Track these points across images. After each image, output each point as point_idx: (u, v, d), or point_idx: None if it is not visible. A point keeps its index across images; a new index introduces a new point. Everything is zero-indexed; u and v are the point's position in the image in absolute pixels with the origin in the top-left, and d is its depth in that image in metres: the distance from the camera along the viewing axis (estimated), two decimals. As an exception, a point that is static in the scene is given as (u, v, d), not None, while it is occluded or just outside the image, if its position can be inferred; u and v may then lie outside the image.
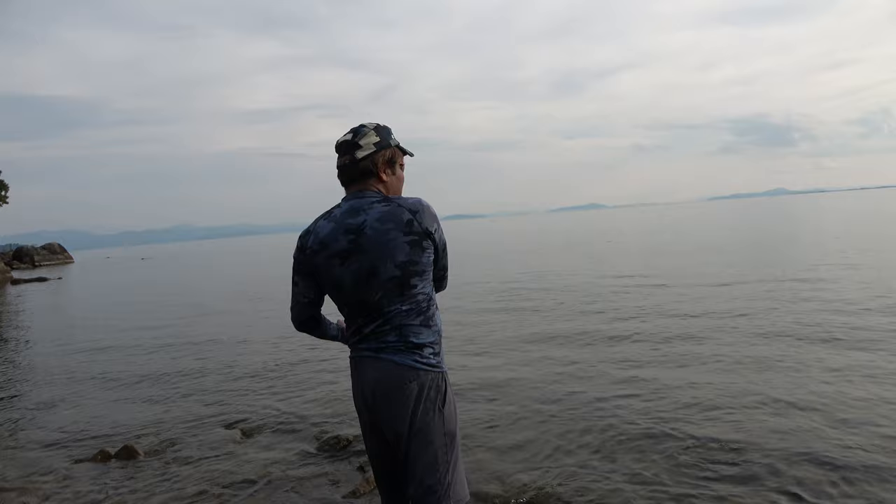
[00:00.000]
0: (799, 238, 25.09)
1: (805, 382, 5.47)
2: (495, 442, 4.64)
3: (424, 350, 2.23)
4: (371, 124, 2.33)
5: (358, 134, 2.29)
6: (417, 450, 2.20)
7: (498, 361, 7.19)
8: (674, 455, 4.15)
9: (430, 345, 2.24)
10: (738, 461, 3.99)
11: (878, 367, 5.76)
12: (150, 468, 4.67)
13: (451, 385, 2.32)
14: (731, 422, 4.66)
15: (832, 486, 3.59)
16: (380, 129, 2.32)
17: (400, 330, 2.21)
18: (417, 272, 2.21)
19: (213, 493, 4.14)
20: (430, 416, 2.21)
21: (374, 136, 2.29)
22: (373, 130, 2.30)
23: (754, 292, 10.80)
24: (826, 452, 4.01)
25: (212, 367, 8.21)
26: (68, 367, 8.92)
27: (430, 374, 2.23)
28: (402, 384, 2.20)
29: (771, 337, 7.30)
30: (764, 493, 3.57)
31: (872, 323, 7.64)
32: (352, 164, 2.27)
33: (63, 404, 6.81)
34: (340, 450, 4.75)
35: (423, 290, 2.25)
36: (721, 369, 6.13)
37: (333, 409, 5.81)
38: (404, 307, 2.22)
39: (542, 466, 4.15)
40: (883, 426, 4.38)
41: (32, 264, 59.84)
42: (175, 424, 5.73)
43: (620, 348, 7.38)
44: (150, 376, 7.87)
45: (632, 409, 5.11)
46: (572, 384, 5.98)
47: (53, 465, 4.87)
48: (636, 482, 3.81)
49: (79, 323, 14.93)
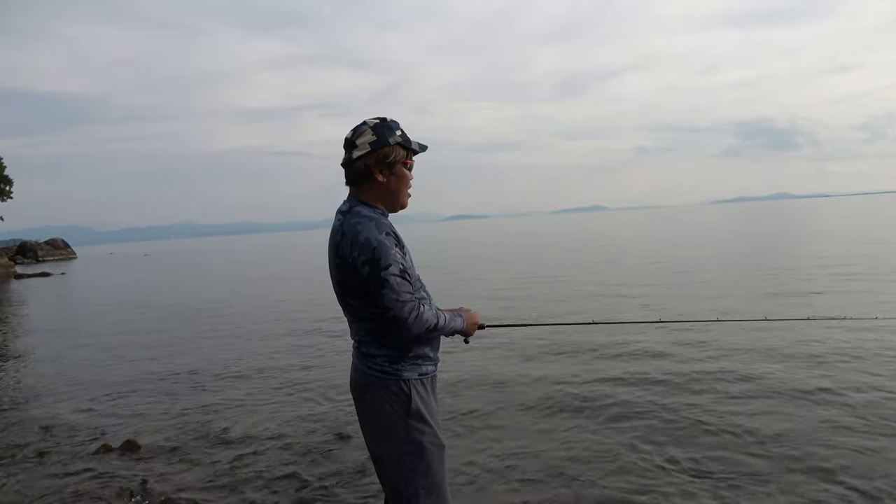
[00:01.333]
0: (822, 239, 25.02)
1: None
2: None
3: (377, 359, 2.23)
4: (372, 121, 2.25)
5: (356, 132, 2.24)
6: (384, 453, 2.27)
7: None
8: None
9: (381, 356, 2.23)
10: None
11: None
12: (151, 462, 4.69)
13: (427, 394, 2.27)
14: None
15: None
16: (378, 128, 2.22)
17: (357, 339, 2.31)
18: (351, 294, 2.21)
19: (213, 487, 4.16)
20: (390, 422, 2.22)
21: (370, 135, 2.21)
22: (370, 129, 2.22)
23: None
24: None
25: (214, 362, 8.22)
26: (71, 361, 8.95)
27: (384, 380, 2.22)
28: (364, 388, 2.28)
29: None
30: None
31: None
32: (347, 164, 2.27)
33: (66, 398, 6.82)
34: (342, 446, 4.76)
35: (365, 310, 2.20)
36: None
37: (336, 406, 5.82)
38: (354, 321, 2.29)
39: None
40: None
41: (36, 259, 60.02)
42: (179, 419, 5.75)
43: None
44: (153, 371, 7.88)
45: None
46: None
47: (56, 459, 4.89)
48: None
49: (81, 317, 14.98)
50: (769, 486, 3.66)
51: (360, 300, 2.20)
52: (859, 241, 23.00)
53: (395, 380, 2.22)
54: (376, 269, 2.10)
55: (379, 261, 2.10)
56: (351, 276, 2.17)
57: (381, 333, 2.22)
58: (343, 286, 2.23)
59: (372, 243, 2.11)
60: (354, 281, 2.17)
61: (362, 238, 2.13)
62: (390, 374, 2.22)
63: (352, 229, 2.16)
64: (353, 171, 2.25)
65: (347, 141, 2.25)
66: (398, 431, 2.21)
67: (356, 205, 2.24)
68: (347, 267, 2.16)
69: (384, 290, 2.11)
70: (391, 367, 2.22)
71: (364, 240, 2.12)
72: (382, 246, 2.12)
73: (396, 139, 2.23)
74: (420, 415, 2.23)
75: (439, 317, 2.24)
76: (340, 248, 2.18)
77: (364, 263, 2.11)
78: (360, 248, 2.12)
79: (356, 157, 2.22)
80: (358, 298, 2.20)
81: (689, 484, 3.77)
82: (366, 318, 2.22)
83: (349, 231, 2.17)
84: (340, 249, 2.18)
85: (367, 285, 2.13)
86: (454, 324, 2.31)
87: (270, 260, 39.82)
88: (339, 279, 2.23)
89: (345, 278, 2.20)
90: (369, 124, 2.24)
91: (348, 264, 2.16)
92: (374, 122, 2.24)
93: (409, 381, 2.23)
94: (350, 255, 2.15)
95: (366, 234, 2.13)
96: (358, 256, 2.13)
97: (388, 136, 2.22)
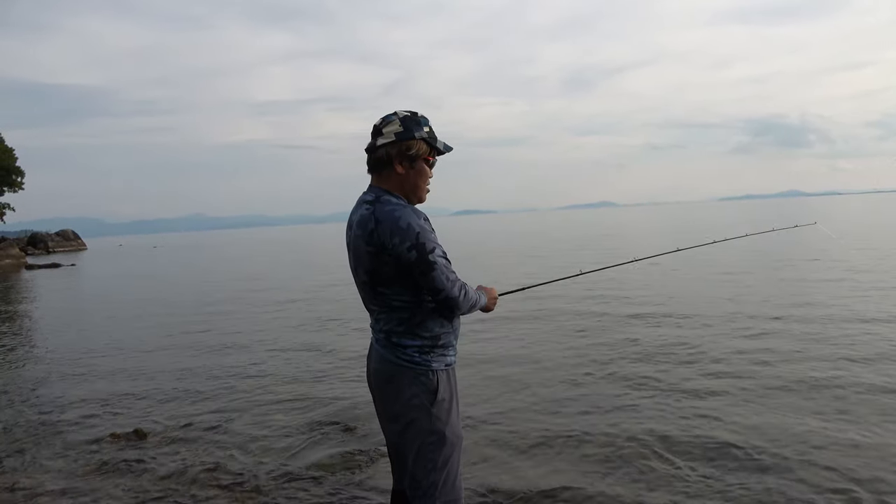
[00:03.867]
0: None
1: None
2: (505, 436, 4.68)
3: (407, 349, 2.23)
4: (402, 113, 2.27)
5: (385, 121, 2.26)
6: (405, 444, 2.26)
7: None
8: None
9: (413, 346, 2.23)
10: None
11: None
12: (159, 450, 4.73)
13: (450, 385, 2.29)
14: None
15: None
16: (406, 120, 2.25)
17: (385, 330, 2.28)
18: (384, 282, 2.20)
19: (220, 476, 4.20)
20: (416, 413, 2.22)
21: (397, 125, 2.23)
22: (399, 120, 2.24)
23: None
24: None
25: (223, 353, 8.28)
26: (80, 351, 9.02)
27: (413, 371, 2.22)
28: (390, 378, 2.26)
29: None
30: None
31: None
32: (371, 150, 2.28)
33: (76, 386, 6.90)
34: (350, 437, 4.80)
35: (399, 299, 2.21)
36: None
37: (345, 395, 5.85)
38: (383, 311, 2.26)
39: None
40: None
41: (47, 250, 60.42)
42: (187, 409, 5.80)
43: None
44: (162, 360, 7.94)
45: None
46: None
47: (63, 445, 4.95)
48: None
49: (90, 308, 15.09)
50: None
51: (394, 287, 2.20)
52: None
53: (424, 370, 2.23)
54: (423, 253, 2.13)
55: (425, 245, 2.13)
56: (387, 264, 2.16)
57: (415, 323, 2.22)
58: (375, 274, 2.21)
59: (415, 228, 2.14)
60: (391, 268, 2.16)
61: (404, 224, 2.14)
62: (420, 365, 2.23)
63: (388, 216, 2.16)
64: (375, 158, 2.27)
65: (375, 128, 2.28)
66: (422, 422, 2.22)
67: (383, 194, 2.24)
68: (385, 254, 2.15)
69: (434, 272, 2.15)
70: (421, 358, 2.23)
71: (406, 225, 2.14)
72: (425, 231, 2.15)
73: (422, 134, 2.26)
74: (444, 406, 2.25)
75: (477, 294, 2.35)
76: (376, 236, 2.16)
77: (410, 249, 2.12)
78: (404, 233, 2.13)
79: (380, 145, 2.24)
80: (392, 286, 2.19)
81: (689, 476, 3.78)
82: (399, 307, 2.22)
83: (385, 218, 2.16)
84: (376, 237, 2.16)
85: (413, 270, 2.15)
86: (482, 301, 2.40)
87: (278, 253, 39.92)
88: (371, 267, 2.20)
89: (378, 266, 2.18)
90: (399, 115, 2.26)
91: (387, 251, 2.15)
92: (404, 115, 2.27)
93: (436, 372, 2.25)
94: (391, 242, 2.13)
95: (407, 220, 2.15)
96: (401, 242, 2.12)
97: (414, 129, 2.24)
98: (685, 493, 3.61)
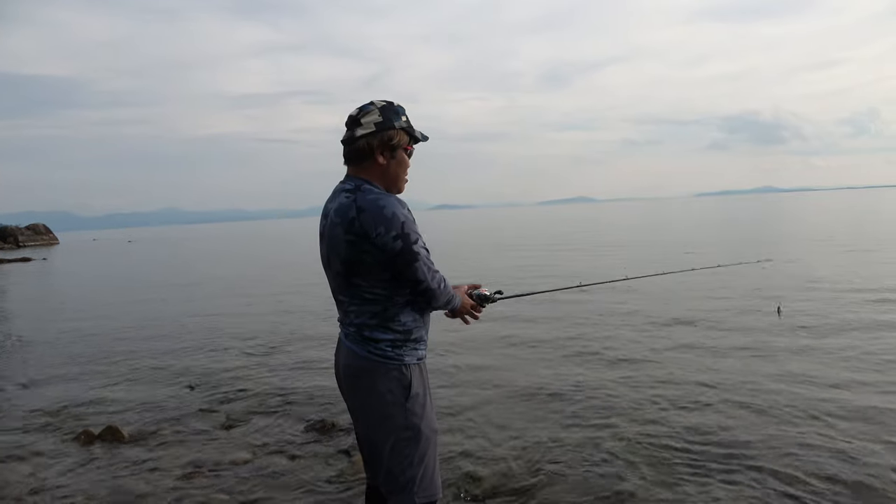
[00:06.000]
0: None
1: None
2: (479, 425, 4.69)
3: (380, 344, 2.19)
4: (380, 102, 2.23)
5: (362, 111, 2.21)
6: (379, 439, 2.22)
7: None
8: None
9: (386, 340, 2.19)
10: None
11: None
12: (134, 449, 4.66)
13: (423, 379, 2.27)
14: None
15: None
16: (385, 110, 2.20)
17: (357, 323, 2.23)
18: (361, 273, 2.14)
19: (199, 473, 4.14)
20: (390, 408, 2.19)
21: (376, 115, 2.19)
22: (378, 110, 2.20)
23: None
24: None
25: (197, 349, 8.17)
26: (52, 347, 8.84)
27: (386, 366, 2.19)
28: (362, 374, 2.22)
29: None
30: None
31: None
32: (349, 141, 2.23)
33: (44, 384, 6.75)
34: (326, 433, 4.77)
35: (372, 291, 2.17)
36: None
37: (320, 391, 5.82)
38: (355, 303, 2.21)
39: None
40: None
41: (17, 244, 59.14)
42: (160, 406, 5.71)
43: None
44: (135, 357, 7.81)
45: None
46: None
47: (34, 447, 4.85)
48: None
49: (62, 303, 14.79)
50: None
51: (369, 278, 2.15)
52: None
53: (397, 365, 2.20)
54: (409, 243, 2.11)
55: (409, 235, 2.11)
56: (368, 253, 2.11)
57: (388, 317, 2.19)
58: (351, 265, 2.15)
59: (400, 218, 2.10)
60: (371, 257, 2.11)
61: (389, 213, 2.09)
62: (392, 360, 2.19)
63: (372, 205, 2.10)
64: (354, 150, 2.21)
65: (351, 118, 2.23)
66: (396, 417, 2.19)
67: (363, 183, 2.19)
68: (366, 243, 2.10)
69: (417, 262, 2.14)
70: (394, 352, 2.20)
71: (391, 215, 2.09)
72: (409, 221, 2.13)
73: (402, 124, 2.23)
74: (419, 400, 2.22)
75: (453, 293, 2.36)
76: (357, 224, 2.10)
77: (396, 238, 2.09)
78: (389, 222, 2.08)
79: (359, 136, 2.19)
80: (367, 277, 2.14)
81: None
82: (371, 299, 2.17)
83: (369, 206, 2.10)
84: (357, 225, 2.10)
85: (396, 260, 2.11)
86: (456, 301, 2.40)
87: (258, 248, 39.57)
88: (348, 257, 2.14)
89: (357, 255, 2.12)
90: (377, 105, 2.22)
91: (369, 240, 2.09)
92: (382, 104, 2.22)
93: (409, 366, 2.22)
94: (374, 231, 2.08)
95: (392, 209, 2.10)
96: (387, 232, 2.08)
97: (393, 119, 2.21)
98: (663, 483, 3.65)
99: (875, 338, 6.75)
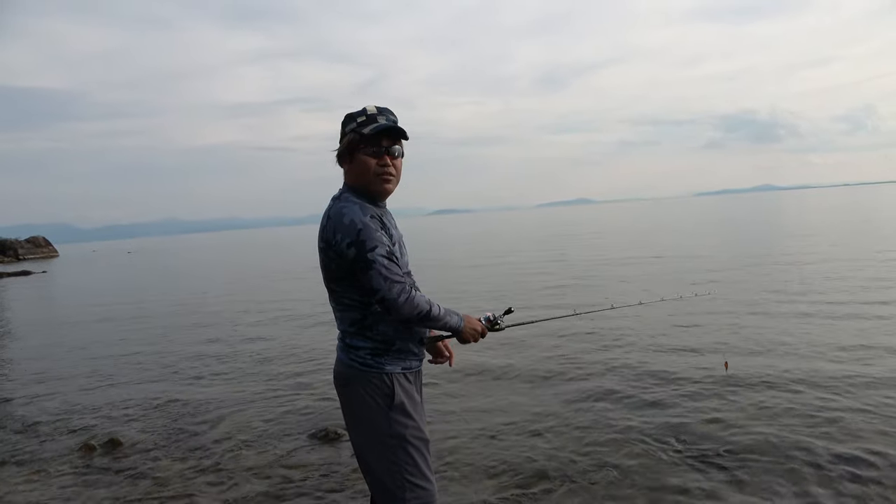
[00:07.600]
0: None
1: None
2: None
3: (360, 351, 2.21)
4: (349, 113, 2.30)
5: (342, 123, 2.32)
6: (365, 446, 2.24)
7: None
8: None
9: (365, 348, 2.21)
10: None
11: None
12: (135, 461, 4.63)
13: (411, 388, 2.25)
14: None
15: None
16: (344, 120, 2.29)
17: (341, 330, 2.29)
18: (334, 278, 2.21)
19: (201, 484, 4.12)
20: (374, 416, 2.19)
21: (341, 127, 2.29)
22: (344, 119, 2.29)
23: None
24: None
25: (198, 359, 8.14)
26: (52, 360, 8.81)
27: (366, 374, 2.20)
28: (346, 381, 2.26)
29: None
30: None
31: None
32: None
33: (47, 397, 6.72)
34: (329, 442, 4.75)
35: (348, 297, 2.20)
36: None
37: (324, 400, 5.79)
38: (339, 309, 2.26)
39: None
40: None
41: (16, 257, 59.15)
42: (162, 418, 5.69)
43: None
44: (137, 369, 7.79)
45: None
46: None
47: (35, 458, 4.82)
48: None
49: (63, 316, 14.77)
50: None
51: (342, 285, 2.19)
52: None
53: (377, 373, 2.20)
54: (362, 251, 2.09)
55: (364, 242, 2.09)
56: (334, 261, 2.17)
57: (366, 325, 2.20)
58: (326, 271, 2.23)
59: (357, 225, 2.10)
60: (338, 265, 2.16)
61: (346, 220, 2.12)
62: (372, 368, 2.20)
63: (336, 213, 2.17)
64: (338, 160, 2.32)
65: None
66: (380, 425, 2.19)
67: (345, 191, 2.27)
68: (332, 251, 2.16)
69: (371, 271, 2.07)
70: (374, 360, 2.20)
71: (349, 222, 2.11)
72: (367, 228, 2.10)
73: (352, 127, 2.25)
74: (403, 409, 2.20)
75: (432, 305, 2.16)
76: (325, 232, 2.18)
77: (350, 245, 2.10)
78: (346, 230, 2.11)
79: (338, 148, 2.31)
80: (341, 283, 2.20)
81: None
82: (349, 305, 2.21)
83: (334, 215, 2.17)
84: (325, 233, 2.18)
85: (354, 268, 2.12)
86: (449, 319, 2.21)
87: (256, 256, 39.56)
88: (324, 263, 2.23)
89: (328, 263, 2.20)
90: (354, 114, 2.30)
91: (332, 248, 2.15)
92: (346, 115, 2.30)
93: (391, 375, 2.21)
94: (334, 238, 2.14)
95: (350, 217, 2.12)
96: (343, 239, 2.12)
97: (346, 125, 2.27)
98: (649, 487, 3.63)
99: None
